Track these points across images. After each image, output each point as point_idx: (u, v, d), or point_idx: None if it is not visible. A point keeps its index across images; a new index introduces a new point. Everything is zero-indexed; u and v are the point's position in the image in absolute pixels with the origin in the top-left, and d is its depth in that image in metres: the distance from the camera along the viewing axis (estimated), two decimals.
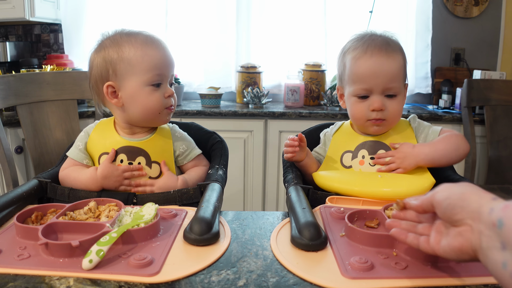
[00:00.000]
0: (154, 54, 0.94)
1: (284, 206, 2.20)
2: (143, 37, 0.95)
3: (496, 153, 2.06)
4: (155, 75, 0.94)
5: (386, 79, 0.94)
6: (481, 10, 2.45)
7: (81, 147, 0.99)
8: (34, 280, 0.57)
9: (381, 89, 0.95)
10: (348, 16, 2.42)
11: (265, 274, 0.60)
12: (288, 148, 0.98)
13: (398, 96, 0.97)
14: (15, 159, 1.74)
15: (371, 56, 0.95)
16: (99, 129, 1.01)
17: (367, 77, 0.95)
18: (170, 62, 0.98)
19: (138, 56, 0.92)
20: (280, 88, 2.50)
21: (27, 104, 1.69)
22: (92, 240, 0.63)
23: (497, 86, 2.08)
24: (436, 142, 0.95)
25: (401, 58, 0.97)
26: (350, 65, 0.98)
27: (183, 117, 2.12)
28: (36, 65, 2.40)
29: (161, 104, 0.96)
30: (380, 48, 0.95)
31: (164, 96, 0.96)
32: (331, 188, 0.91)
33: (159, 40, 0.97)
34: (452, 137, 0.95)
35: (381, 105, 0.95)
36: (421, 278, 0.58)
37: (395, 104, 0.97)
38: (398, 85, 0.96)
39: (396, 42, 0.99)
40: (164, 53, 0.96)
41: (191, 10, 2.43)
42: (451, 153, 0.92)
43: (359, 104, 0.98)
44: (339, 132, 1.06)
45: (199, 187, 0.88)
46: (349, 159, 1.00)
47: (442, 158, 0.92)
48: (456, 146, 0.93)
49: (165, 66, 0.96)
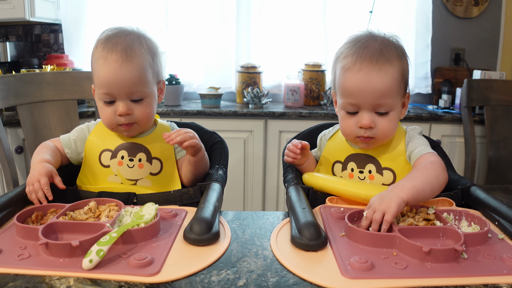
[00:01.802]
0: (102, 71, 0.89)
1: (284, 206, 2.20)
2: (105, 50, 0.90)
3: (496, 153, 2.06)
4: (103, 93, 0.91)
5: (375, 96, 0.85)
6: (481, 10, 2.45)
7: (73, 138, 1.00)
8: (34, 280, 0.57)
9: (370, 106, 0.87)
10: (348, 16, 2.42)
11: (265, 274, 0.60)
12: (290, 153, 0.97)
13: (391, 112, 0.88)
14: (15, 159, 1.74)
15: (359, 70, 0.85)
16: (101, 127, 1.01)
17: (355, 92, 0.87)
18: (121, 81, 0.88)
19: (94, 70, 0.93)
20: (280, 88, 2.50)
21: (27, 104, 1.69)
22: (92, 240, 0.63)
23: (497, 86, 2.08)
24: (415, 179, 0.79)
25: (395, 70, 0.86)
26: (339, 76, 0.90)
27: (183, 117, 2.12)
28: (36, 65, 2.40)
29: (112, 121, 0.93)
30: (371, 59, 0.85)
31: (115, 114, 0.91)
32: (316, 185, 0.90)
33: (117, 57, 0.88)
34: (431, 168, 0.82)
35: (369, 122, 0.87)
36: (421, 278, 0.58)
37: (386, 122, 0.88)
38: (391, 101, 0.87)
39: (394, 49, 0.88)
40: (114, 71, 0.88)
41: (191, 10, 2.43)
42: (434, 186, 0.79)
43: (347, 120, 0.91)
44: (333, 139, 1.02)
45: (199, 187, 0.88)
46: (339, 170, 0.97)
47: (426, 196, 0.78)
48: (438, 176, 0.81)
49: (113, 86, 0.89)
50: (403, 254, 0.64)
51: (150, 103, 0.94)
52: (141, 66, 0.91)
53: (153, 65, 0.94)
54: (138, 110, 0.92)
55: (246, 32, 2.44)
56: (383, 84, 0.85)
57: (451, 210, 0.78)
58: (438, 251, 0.61)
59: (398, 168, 0.91)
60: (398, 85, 0.88)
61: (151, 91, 0.94)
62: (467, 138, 2.06)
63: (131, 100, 0.91)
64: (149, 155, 0.97)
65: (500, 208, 0.77)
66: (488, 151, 2.06)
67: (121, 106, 0.91)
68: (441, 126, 2.14)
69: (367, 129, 0.89)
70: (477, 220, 0.73)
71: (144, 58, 0.91)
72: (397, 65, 0.87)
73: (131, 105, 0.92)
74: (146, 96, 0.93)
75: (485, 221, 0.72)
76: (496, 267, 0.61)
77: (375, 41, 0.88)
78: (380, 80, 0.85)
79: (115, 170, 0.95)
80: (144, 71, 0.91)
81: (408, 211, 0.78)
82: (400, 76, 0.88)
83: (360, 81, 0.86)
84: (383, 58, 0.86)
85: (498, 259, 0.63)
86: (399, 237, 0.65)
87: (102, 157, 0.97)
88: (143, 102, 0.93)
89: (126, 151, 0.96)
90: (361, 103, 0.88)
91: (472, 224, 0.74)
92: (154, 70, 0.95)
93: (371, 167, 0.93)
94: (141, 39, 0.94)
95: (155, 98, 0.97)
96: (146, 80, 0.92)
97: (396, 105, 0.89)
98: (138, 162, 0.96)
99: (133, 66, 0.89)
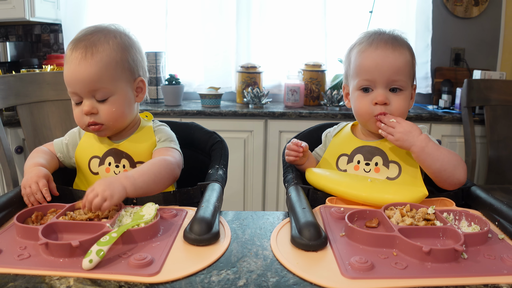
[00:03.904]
0: (65, 70, 0.89)
1: (284, 206, 2.20)
2: (69, 49, 0.88)
3: (496, 153, 2.06)
4: (69, 92, 0.90)
5: (391, 71, 0.90)
6: (481, 10, 2.45)
7: (66, 142, 0.99)
8: (34, 280, 0.57)
9: (385, 82, 0.91)
10: (348, 16, 2.42)
11: (265, 274, 0.60)
12: (292, 152, 0.97)
13: (404, 91, 0.93)
14: (15, 159, 1.74)
15: (376, 49, 0.92)
16: (89, 133, 0.98)
17: (371, 69, 0.91)
18: (80, 78, 0.86)
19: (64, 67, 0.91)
20: (280, 88, 2.50)
21: (27, 104, 1.69)
22: (92, 240, 0.63)
23: (497, 86, 2.08)
24: (442, 148, 0.88)
25: (408, 54, 0.93)
26: (355, 59, 0.95)
27: (183, 117, 2.12)
28: (36, 65, 2.41)
29: (80, 121, 0.91)
30: (386, 41, 0.92)
31: (83, 113, 0.89)
32: (318, 185, 0.90)
33: (77, 55, 0.87)
34: (457, 157, 0.88)
35: (384, 98, 0.91)
36: (421, 278, 0.58)
37: (400, 100, 0.92)
38: (404, 79, 0.92)
39: (405, 39, 0.96)
40: (74, 69, 0.86)
41: (191, 10, 2.43)
42: (449, 167, 0.85)
43: (362, 99, 0.94)
44: (339, 135, 1.04)
45: (199, 187, 0.88)
46: (344, 163, 0.97)
47: (437, 163, 0.85)
48: (456, 164, 0.86)
49: (73, 84, 0.88)
50: (403, 254, 0.64)
51: (118, 102, 0.90)
52: (102, 62, 0.87)
53: (122, 62, 0.90)
54: (103, 109, 0.89)
55: (246, 32, 2.44)
56: (398, 61, 0.91)
57: (451, 210, 0.78)
58: (438, 251, 0.61)
59: (404, 162, 0.92)
60: (410, 69, 0.94)
61: (119, 89, 0.90)
62: (467, 138, 2.06)
63: (97, 100, 0.89)
64: (131, 161, 0.95)
65: (500, 208, 0.77)
66: (488, 151, 2.06)
67: (86, 105, 0.88)
68: (441, 126, 2.14)
69: (382, 105, 0.92)
70: (477, 220, 0.73)
71: (108, 54, 0.88)
72: (408, 53, 0.94)
73: (96, 104, 0.89)
74: (111, 94, 0.89)
75: (485, 221, 0.72)
76: (496, 267, 0.61)
77: (387, 33, 0.96)
78: (395, 57, 0.91)
79: (103, 178, 0.94)
80: (107, 68, 0.87)
81: (408, 211, 0.78)
82: (410, 62, 0.94)
83: (377, 57, 0.91)
84: (396, 42, 0.93)
85: (498, 259, 0.63)
86: (399, 237, 0.65)
87: (91, 164, 0.95)
88: (108, 101, 0.89)
89: (112, 157, 0.95)
90: (377, 78, 0.92)
91: (472, 224, 0.74)
92: (125, 67, 0.91)
93: (378, 159, 0.94)
94: (111, 35, 0.90)
95: (126, 97, 0.91)
96: (109, 77, 0.88)
97: (408, 87, 0.94)
98: (123, 169, 0.94)
99: (92, 62, 0.86)
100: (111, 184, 0.75)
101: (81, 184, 0.97)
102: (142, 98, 0.97)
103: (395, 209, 0.78)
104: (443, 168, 0.85)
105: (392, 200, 0.80)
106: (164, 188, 0.87)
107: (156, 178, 0.84)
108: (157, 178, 0.84)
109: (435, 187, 0.92)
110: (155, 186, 0.84)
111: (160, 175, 0.85)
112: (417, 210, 0.78)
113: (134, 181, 0.79)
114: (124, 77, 0.91)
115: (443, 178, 0.87)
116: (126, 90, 0.92)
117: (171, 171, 0.88)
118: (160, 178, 0.85)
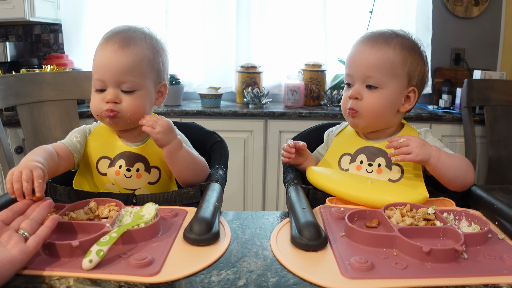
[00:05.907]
0: (98, 57, 0.89)
1: (284, 206, 2.20)
2: (105, 39, 0.90)
3: (496, 153, 2.06)
4: (95, 79, 0.89)
5: (364, 67, 0.91)
6: (481, 10, 2.45)
7: (78, 139, 0.94)
8: (34, 280, 0.57)
9: (360, 77, 0.92)
10: (348, 16, 2.42)
11: (265, 274, 0.60)
12: (285, 153, 0.98)
13: (381, 89, 0.91)
14: (15, 159, 1.74)
15: (357, 45, 0.94)
16: (98, 132, 0.98)
17: (349, 64, 0.95)
18: (113, 66, 0.87)
19: (93, 60, 0.91)
20: (280, 88, 2.50)
21: (27, 104, 1.69)
22: (92, 240, 0.63)
23: (497, 86, 2.08)
24: (452, 155, 0.88)
25: (391, 52, 0.90)
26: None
27: (183, 117, 2.12)
28: (36, 65, 2.41)
29: (97, 107, 0.90)
30: (371, 38, 0.93)
31: (104, 101, 0.89)
32: (318, 184, 0.90)
33: (114, 44, 0.88)
34: (466, 161, 0.89)
35: (356, 93, 0.92)
36: (421, 278, 0.58)
37: (374, 97, 0.91)
38: (380, 76, 0.90)
39: (402, 40, 0.92)
40: (108, 56, 0.87)
41: (191, 10, 2.43)
42: (461, 173, 0.87)
43: (344, 93, 0.97)
44: (342, 133, 1.04)
45: (199, 187, 0.88)
46: (347, 162, 0.97)
47: (451, 171, 0.86)
48: (467, 168, 0.88)
49: (105, 71, 0.87)
50: (403, 254, 0.64)
51: (142, 97, 0.90)
52: (137, 56, 0.88)
53: (153, 61, 0.92)
54: (126, 100, 0.89)
55: (246, 32, 2.44)
56: (374, 57, 0.91)
57: (451, 210, 0.78)
58: (438, 251, 0.61)
59: (407, 166, 0.91)
60: (392, 67, 0.90)
61: (146, 86, 0.91)
62: (467, 138, 2.06)
63: (122, 90, 0.89)
64: (147, 165, 0.94)
65: (501, 208, 0.77)
66: (488, 151, 2.06)
67: (110, 93, 0.88)
68: (441, 126, 2.14)
69: (353, 100, 0.93)
70: (477, 220, 0.73)
71: (144, 50, 0.90)
72: (398, 52, 0.91)
73: (120, 94, 0.89)
74: (138, 88, 0.90)
75: (485, 221, 0.72)
76: (496, 267, 0.61)
77: (380, 32, 0.94)
78: (371, 53, 0.91)
79: (112, 179, 0.93)
80: (140, 62, 0.89)
81: (408, 211, 0.78)
82: (399, 62, 0.91)
83: (354, 53, 0.94)
84: (381, 38, 0.92)
85: (498, 259, 0.63)
86: (399, 237, 0.65)
87: (100, 165, 0.94)
88: (133, 94, 0.89)
89: (124, 161, 0.93)
90: (353, 74, 0.93)
91: (472, 224, 0.74)
92: (154, 67, 0.92)
93: (381, 161, 0.93)
94: (147, 36, 0.93)
95: (149, 95, 0.92)
96: (140, 72, 0.89)
97: (387, 86, 0.91)
98: (136, 172, 0.93)
99: (128, 53, 0.88)
100: (170, 125, 0.87)
101: (83, 183, 0.95)
102: (161, 102, 0.99)
103: (395, 209, 0.78)
104: (457, 175, 0.87)
105: (391, 202, 0.79)
106: (195, 177, 0.92)
107: (195, 161, 0.92)
108: (196, 161, 0.93)
109: (435, 187, 0.92)
110: (194, 167, 0.92)
111: (199, 165, 0.94)
112: (417, 210, 0.78)
113: (183, 146, 0.90)
114: (152, 77, 0.93)
115: (456, 183, 0.88)
116: (151, 89, 0.94)
117: (206, 168, 0.96)
118: (197, 164, 0.93)
